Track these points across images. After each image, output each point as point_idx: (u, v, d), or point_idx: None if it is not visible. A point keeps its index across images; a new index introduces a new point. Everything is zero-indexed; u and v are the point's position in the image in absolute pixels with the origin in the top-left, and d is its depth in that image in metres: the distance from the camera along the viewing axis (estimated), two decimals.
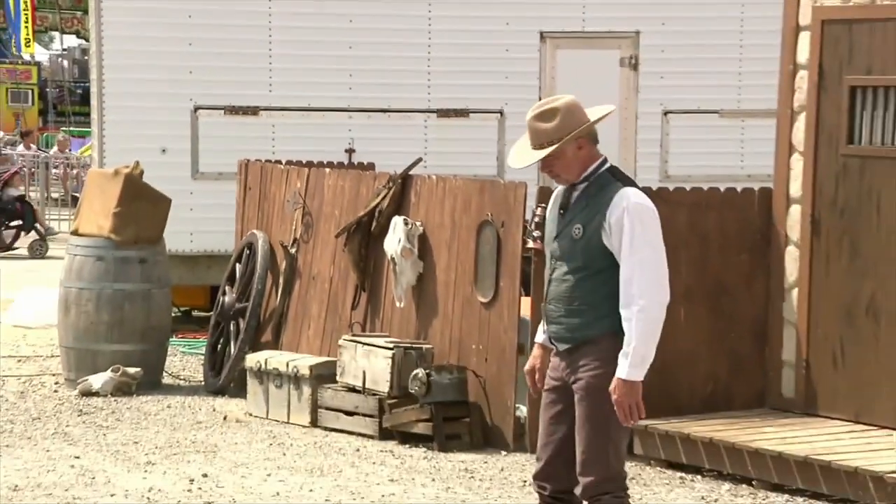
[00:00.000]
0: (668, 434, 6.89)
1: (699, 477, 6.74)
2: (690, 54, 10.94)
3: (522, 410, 7.23)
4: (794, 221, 7.36)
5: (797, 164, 7.34)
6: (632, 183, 4.57)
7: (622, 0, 10.89)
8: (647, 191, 7.49)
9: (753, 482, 6.56)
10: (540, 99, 10.90)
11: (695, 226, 7.41)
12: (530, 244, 7.21)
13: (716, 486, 6.62)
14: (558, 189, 4.71)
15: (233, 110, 10.54)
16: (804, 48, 7.28)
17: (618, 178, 4.56)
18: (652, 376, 4.51)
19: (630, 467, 6.89)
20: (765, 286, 7.44)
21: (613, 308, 4.49)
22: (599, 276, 4.49)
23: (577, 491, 4.54)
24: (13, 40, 29.23)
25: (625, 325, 4.44)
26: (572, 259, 4.53)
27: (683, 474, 6.78)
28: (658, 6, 10.92)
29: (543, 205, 7.32)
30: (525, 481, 6.60)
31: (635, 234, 4.45)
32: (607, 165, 4.59)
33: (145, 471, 6.72)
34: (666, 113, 11.06)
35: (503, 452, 7.18)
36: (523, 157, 4.60)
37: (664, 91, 11.00)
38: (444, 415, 7.19)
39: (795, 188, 7.35)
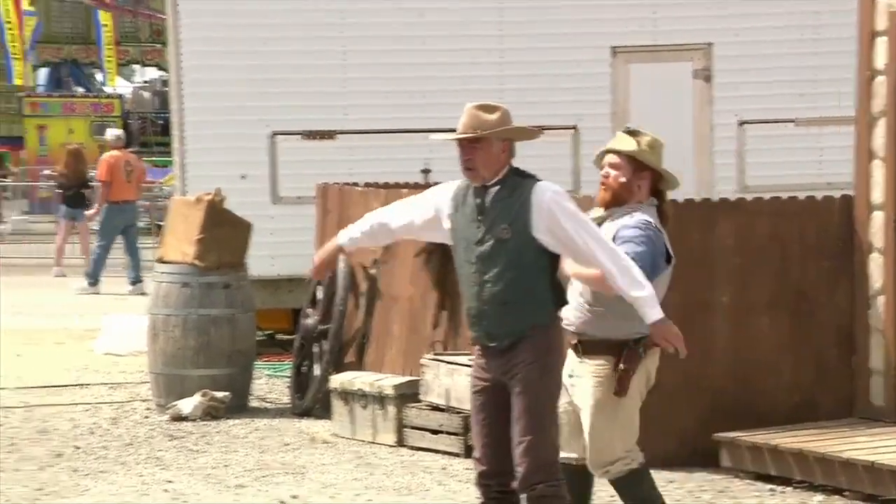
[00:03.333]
0: (755, 446, 6.85)
1: (789, 489, 6.70)
2: (764, 64, 10.88)
3: None
4: (876, 228, 7.29)
5: (877, 170, 7.28)
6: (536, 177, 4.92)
7: (694, 13, 10.86)
8: (725, 201, 7.57)
9: (846, 493, 6.50)
10: (613, 113, 10.98)
11: (775, 235, 7.38)
12: None
13: (807, 497, 6.57)
14: (457, 192, 4.95)
15: (310, 135, 10.67)
16: (881, 53, 7.22)
17: (525, 176, 4.90)
18: (735, 386, 4.54)
19: (718, 480, 6.89)
20: (849, 294, 7.38)
21: (543, 301, 4.77)
22: (531, 271, 4.76)
23: (514, 484, 4.72)
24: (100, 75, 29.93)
25: (624, 288, 4.77)
26: (502, 259, 4.77)
27: (773, 486, 6.74)
28: (730, 17, 10.88)
29: None
30: (613, 495, 6.60)
31: (568, 216, 4.79)
32: (512, 168, 4.92)
33: (236, 493, 6.82)
34: (741, 123, 11.01)
35: None
36: (449, 134, 4.91)
37: (739, 102, 10.95)
38: None
39: (877, 195, 7.29)
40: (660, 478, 6.94)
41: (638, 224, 5.16)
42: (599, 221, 5.21)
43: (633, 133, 5.47)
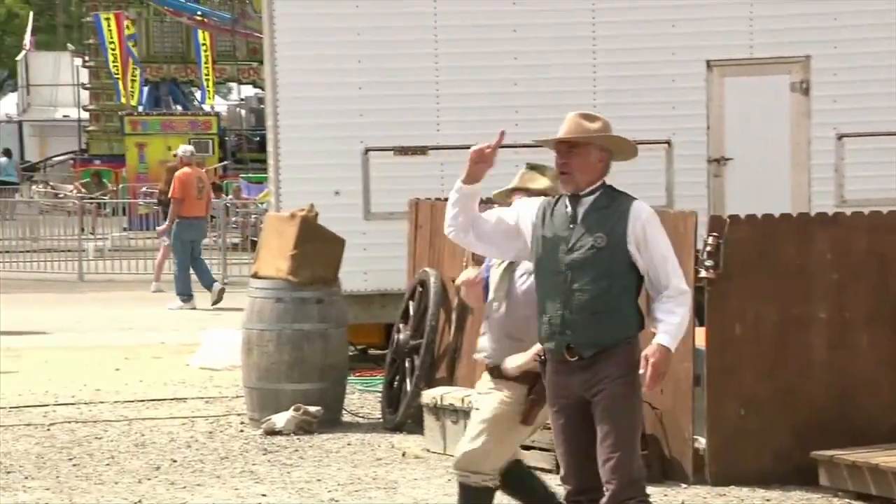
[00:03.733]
0: (855, 465, 6.70)
1: None
2: (864, 76, 10.69)
3: (701, 442, 7.13)
4: None
5: None
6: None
7: (791, 25, 10.72)
8: (821, 215, 7.45)
9: None
10: (708, 128, 10.87)
11: (874, 250, 7.23)
12: (703, 273, 7.14)
13: None
14: (543, 204, 4.96)
15: (402, 151, 10.71)
16: None
17: (620, 192, 4.89)
18: (832, 403, 4.44)
19: (816, 499, 6.75)
20: None
21: (629, 316, 4.78)
22: (622, 281, 4.79)
23: (603, 501, 4.71)
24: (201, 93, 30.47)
25: (665, 307, 4.79)
26: (595, 268, 4.77)
27: None
28: (829, 29, 10.71)
29: (715, 233, 7.24)
30: None
31: (658, 239, 4.88)
32: (606, 183, 4.98)
33: None
34: (840, 137, 10.82)
35: (683, 485, 7.09)
36: (549, 137, 4.94)
37: (838, 115, 10.77)
38: None
39: None
40: (755, 496, 6.84)
41: None
42: None
43: (537, 168, 5.63)
